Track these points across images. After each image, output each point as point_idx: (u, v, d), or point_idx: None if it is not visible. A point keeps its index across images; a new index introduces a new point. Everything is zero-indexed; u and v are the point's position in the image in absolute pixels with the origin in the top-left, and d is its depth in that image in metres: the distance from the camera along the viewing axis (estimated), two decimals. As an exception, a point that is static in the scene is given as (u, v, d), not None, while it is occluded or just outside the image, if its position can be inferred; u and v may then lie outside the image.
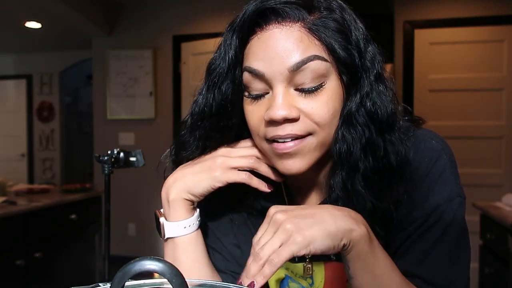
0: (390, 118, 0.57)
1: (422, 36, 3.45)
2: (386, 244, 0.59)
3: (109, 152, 1.12)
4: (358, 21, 0.59)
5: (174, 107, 4.03)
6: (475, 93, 3.36)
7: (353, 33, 0.56)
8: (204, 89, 0.63)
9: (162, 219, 0.65)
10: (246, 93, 0.60)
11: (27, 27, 4.59)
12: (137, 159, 1.15)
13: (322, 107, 0.55)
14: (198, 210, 0.66)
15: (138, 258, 0.30)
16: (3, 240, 2.17)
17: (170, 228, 0.65)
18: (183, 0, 4.00)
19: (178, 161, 0.68)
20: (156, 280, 0.38)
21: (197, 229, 0.66)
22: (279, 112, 0.54)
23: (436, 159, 0.61)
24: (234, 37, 0.59)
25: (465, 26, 3.39)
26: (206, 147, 0.65)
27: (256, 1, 0.57)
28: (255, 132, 0.60)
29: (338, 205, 0.56)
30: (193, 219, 0.65)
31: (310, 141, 0.57)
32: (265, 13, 0.56)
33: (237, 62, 0.59)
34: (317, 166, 0.61)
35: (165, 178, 0.68)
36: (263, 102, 0.58)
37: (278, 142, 0.57)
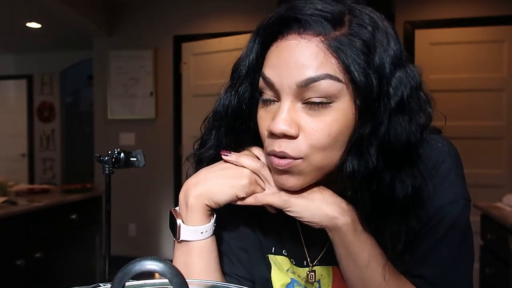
0: (406, 150, 0.54)
1: (422, 37, 3.45)
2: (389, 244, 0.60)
3: (109, 152, 1.12)
4: (392, 41, 0.54)
5: (175, 107, 4.03)
6: (476, 93, 3.35)
7: (377, 56, 0.52)
8: (226, 89, 0.64)
9: (179, 221, 0.63)
10: (260, 97, 0.59)
11: (28, 27, 4.59)
12: (137, 159, 1.15)
13: (324, 129, 0.53)
14: (215, 215, 0.65)
15: (138, 258, 0.30)
16: (4, 240, 2.17)
17: (187, 231, 0.63)
18: (184, 1, 4.00)
19: (198, 160, 0.68)
20: (157, 281, 0.38)
21: (212, 234, 0.65)
22: (279, 126, 0.53)
23: (441, 162, 0.61)
24: (256, 41, 0.58)
25: (466, 26, 3.39)
26: (220, 145, 0.64)
27: (285, 7, 0.56)
28: (263, 139, 0.59)
29: None
30: (210, 225, 0.64)
31: (301, 164, 0.55)
32: (289, 22, 0.54)
33: (257, 66, 0.58)
34: (327, 181, 0.61)
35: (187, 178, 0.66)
36: (272, 110, 0.57)
37: (275, 156, 0.56)
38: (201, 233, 0.63)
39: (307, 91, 0.53)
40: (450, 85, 3.39)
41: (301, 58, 0.52)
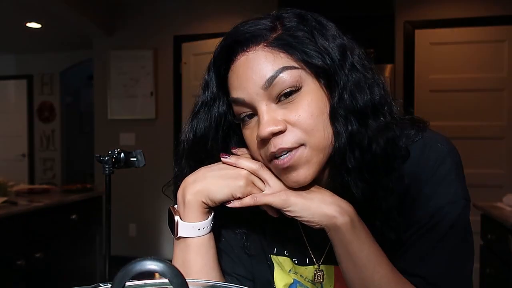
0: (372, 106, 0.58)
1: (422, 36, 3.45)
2: (383, 240, 0.61)
3: (109, 152, 1.12)
4: (325, 23, 0.62)
5: (175, 107, 4.03)
6: (476, 93, 3.35)
7: (317, 37, 0.59)
8: (187, 124, 0.68)
9: (177, 218, 0.65)
10: (238, 121, 0.64)
11: (28, 27, 4.59)
12: (137, 160, 1.15)
13: (305, 112, 0.57)
14: (212, 213, 0.66)
15: (138, 258, 0.30)
16: (4, 240, 2.17)
17: (184, 228, 0.64)
18: (184, 1, 4.00)
19: (174, 189, 0.71)
20: (157, 281, 0.38)
21: (210, 231, 0.66)
22: (266, 129, 0.57)
23: (441, 162, 0.62)
24: (210, 76, 0.66)
25: (466, 26, 3.39)
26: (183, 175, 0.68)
27: (223, 38, 0.63)
28: (256, 154, 0.63)
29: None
30: (208, 222, 0.65)
31: (304, 151, 0.58)
32: (232, 47, 0.61)
33: (215, 98, 0.65)
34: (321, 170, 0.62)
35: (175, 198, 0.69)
36: (254, 125, 0.62)
37: (276, 158, 0.59)
38: (198, 229, 0.64)
39: (273, 90, 0.58)
40: (450, 85, 3.39)
41: (255, 66, 0.58)
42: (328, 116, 0.58)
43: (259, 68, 0.58)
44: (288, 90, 0.57)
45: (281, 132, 0.57)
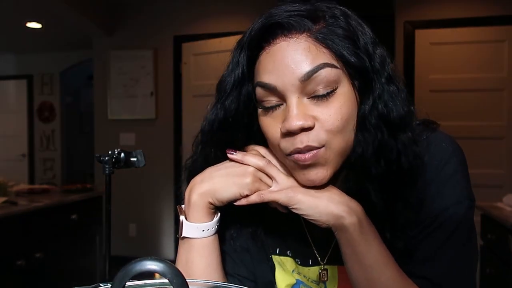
0: (403, 119, 0.57)
1: (422, 37, 3.45)
2: (391, 244, 0.60)
3: (109, 152, 1.12)
4: (364, 26, 0.60)
5: (175, 107, 4.03)
6: (476, 93, 3.35)
7: (360, 38, 0.57)
8: (212, 106, 0.65)
9: (182, 218, 0.64)
10: (261, 107, 0.61)
11: (28, 27, 4.60)
12: (138, 160, 1.15)
13: (336, 113, 0.56)
14: (219, 214, 0.65)
15: (139, 258, 0.30)
16: (4, 240, 2.17)
17: (189, 228, 0.64)
18: (184, 1, 4.00)
19: (189, 175, 0.69)
20: (157, 281, 0.38)
21: (215, 233, 0.65)
22: (295, 123, 0.54)
23: (445, 162, 0.61)
24: (242, 55, 0.61)
25: (466, 26, 3.39)
26: (207, 159, 0.66)
27: (262, 18, 0.59)
28: (274, 144, 0.60)
29: None
30: (213, 223, 0.64)
31: (325, 152, 0.56)
32: (271, 28, 0.57)
33: (244, 79, 0.61)
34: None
35: (187, 181, 0.68)
36: (278, 114, 0.59)
37: (299, 153, 0.57)
38: (203, 230, 0.64)
39: (309, 84, 0.55)
40: (450, 85, 3.38)
41: (296, 55, 0.55)
42: (354, 121, 0.57)
43: (300, 59, 0.55)
44: (325, 91, 0.55)
45: (310, 129, 0.56)
